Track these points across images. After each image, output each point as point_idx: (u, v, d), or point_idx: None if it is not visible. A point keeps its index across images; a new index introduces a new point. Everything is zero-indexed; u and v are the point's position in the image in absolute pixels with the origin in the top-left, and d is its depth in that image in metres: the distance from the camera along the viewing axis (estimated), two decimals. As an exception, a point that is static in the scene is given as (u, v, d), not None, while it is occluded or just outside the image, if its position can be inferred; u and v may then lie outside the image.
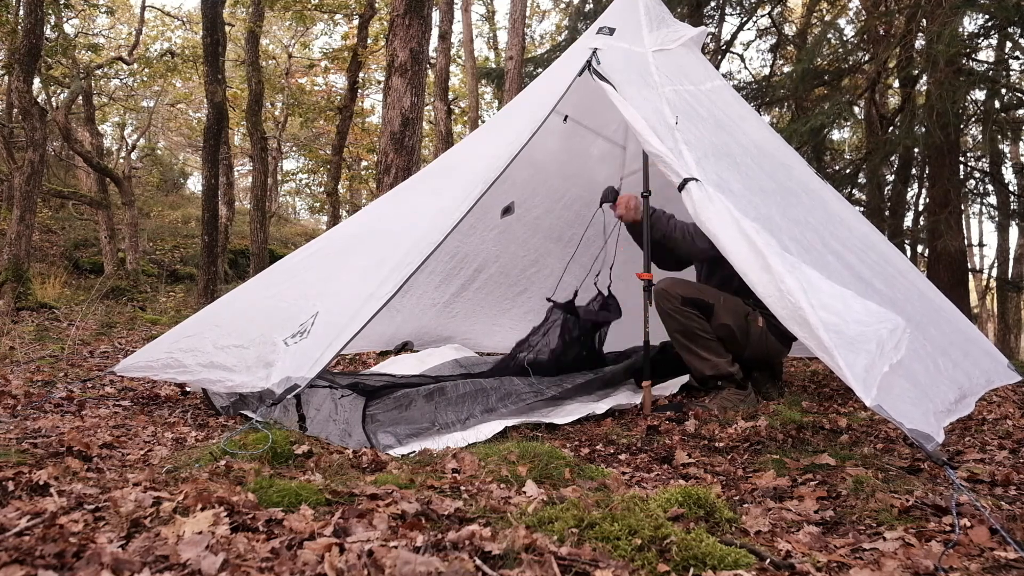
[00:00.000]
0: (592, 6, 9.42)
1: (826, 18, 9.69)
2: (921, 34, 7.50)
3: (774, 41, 10.14)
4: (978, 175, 8.66)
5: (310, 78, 19.48)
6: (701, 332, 3.26)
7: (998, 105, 7.20)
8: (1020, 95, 7.26)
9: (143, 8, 14.63)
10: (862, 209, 8.55)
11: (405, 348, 4.53)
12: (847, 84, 9.10)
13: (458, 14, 13.63)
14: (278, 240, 16.19)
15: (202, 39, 9.71)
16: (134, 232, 11.55)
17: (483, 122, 12.96)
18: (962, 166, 8.29)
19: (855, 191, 8.77)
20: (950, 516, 1.69)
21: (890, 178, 9.13)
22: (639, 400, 3.23)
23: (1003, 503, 1.86)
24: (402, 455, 2.33)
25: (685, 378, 3.57)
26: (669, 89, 3.20)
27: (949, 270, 7.52)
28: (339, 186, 15.94)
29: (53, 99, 14.45)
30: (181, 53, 14.67)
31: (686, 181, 2.68)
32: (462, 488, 1.79)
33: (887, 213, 9.02)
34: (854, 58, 8.81)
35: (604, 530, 1.41)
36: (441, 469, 2.04)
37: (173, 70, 14.17)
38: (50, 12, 9.30)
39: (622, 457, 2.49)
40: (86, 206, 12.77)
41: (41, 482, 1.55)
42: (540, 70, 9.21)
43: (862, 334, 2.17)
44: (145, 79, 14.81)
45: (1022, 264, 13.78)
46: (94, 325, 6.42)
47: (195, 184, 24.21)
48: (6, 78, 10.59)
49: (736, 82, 9.67)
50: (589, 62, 3.15)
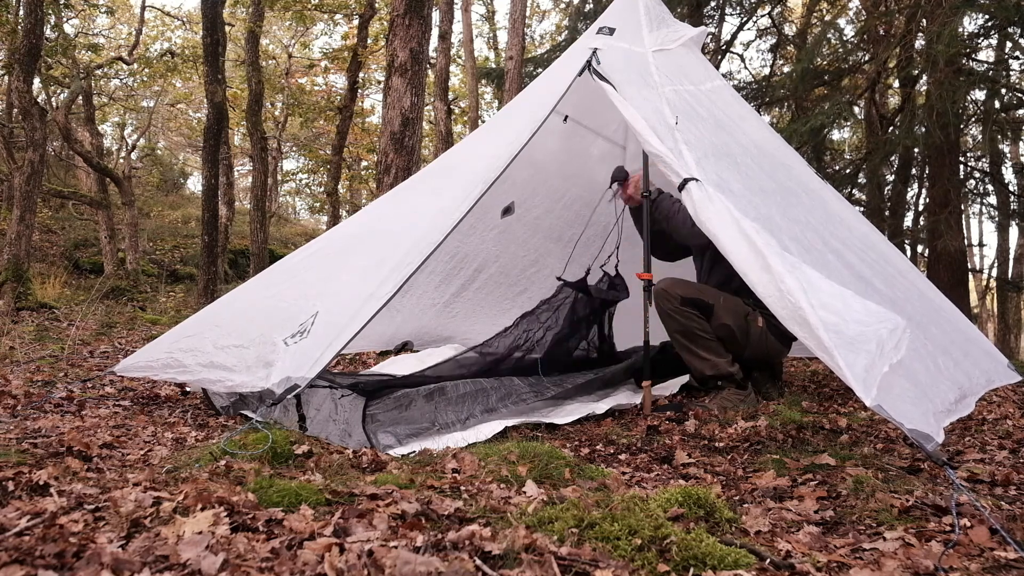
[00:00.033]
0: (592, 6, 9.42)
1: (826, 18, 9.69)
2: (921, 34, 7.50)
3: (774, 41, 10.14)
4: (978, 175, 8.67)
5: (310, 78, 19.49)
6: (701, 332, 3.27)
7: (998, 105, 7.21)
8: (1020, 95, 7.26)
9: (143, 8, 14.63)
10: (862, 209, 8.55)
11: (405, 348, 4.52)
12: (847, 84, 9.10)
13: (458, 14, 13.64)
14: (278, 240, 16.19)
15: (202, 39, 9.72)
16: (134, 232, 11.56)
17: (483, 122, 12.96)
18: (962, 166, 8.30)
19: (855, 191, 8.77)
20: (950, 516, 1.69)
21: (890, 178, 9.13)
22: (639, 400, 3.23)
23: (1003, 503, 1.86)
24: (402, 455, 2.33)
25: (685, 378, 3.57)
26: (669, 89, 3.20)
27: (949, 270, 7.52)
28: (339, 186, 15.94)
29: (53, 99, 14.45)
30: (181, 53, 14.68)
31: (686, 181, 2.69)
32: (462, 488, 1.79)
33: (887, 213, 9.02)
34: (854, 58, 8.82)
35: (604, 530, 1.41)
36: (441, 469, 2.04)
37: (173, 70, 14.18)
38: (50, 12, 9.30)
39: (622, 457, 2.49)
40: (86, 206, 12.78)
41: (41, 482, 1.55)
42: (540, 70, 9.20)
43: (862, 334, 2.17)
44: (145, 79, 14.81)
45: (1022, 264, 13.78)
46: (94, 325, 6.42)
47: (195, 184, 24.25)
48: (6, 78, 10.59)
49: (736, 82, 9.66)
50: (589, 62, 3.15)
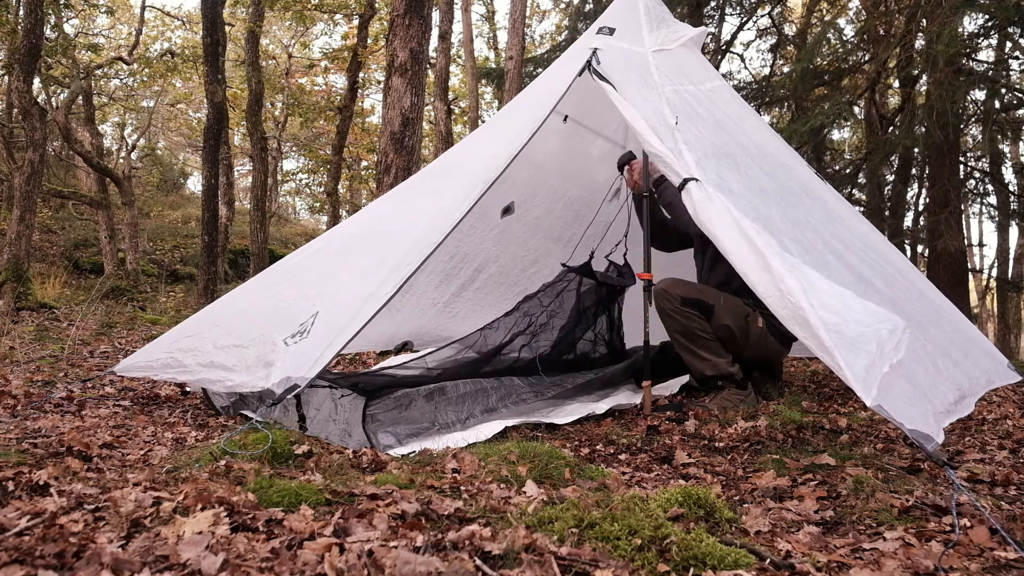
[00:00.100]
0: (592, 6, 9.42)
1: (826, 18, 9.68)
2: (921, 34, 7.50)
3: (774, 41, 10.14)
4: (978, 175, 8.67)
5: (310, 78, 19.49)
6: (701, 332, 3.26)
7: (998, 105, 7.21)
8: (1020, 95, 7.26)
9: (143, 8, 14.63)
10: (862, 209, 8.55)
11: (405, 348, 4.52)
12: (847, 84, 9.10)
13: (458, 14, 13.64)
14: (278, 240, 16.19)
15: (202, 39, 9.72)
16: (134, 232, 11.55)
17: (483, 122, 12.96)
18: (962, 166, 8.30)
19: (855, 191, 8.76)
20: (950, 516, 1.69)
21: (890, 178, 9.13)
22: (639, 400, 3.23)
23: (1003, 503, 1.86)
24: (402, 455, 2.33)
25: (685, 378, 3.57)
26: (669, 89, 3.20)
27: (949, 270, 7.52)
28: (339, 186, 15.94)
29: (53, 99, 14.45)
30: (181, 53, 14.68)
31: (686, 181, 2.69)
32: (462, 488, 1.79)
33: (887, 213, 9.02)
34: (854, 58, 8.81)
35: (604, 530, 1.41)
36: (441, 469, 2.04)
37: (173, 70, 14.18)
38: (50, 12, 9.30)
39: (622, 457, 2.49)
40: (86, 206, 12.78)
41: (41, 482, 1.55)
42: (540, 70, 9.20)
43: (862, 334, 2.17)
44: (145, 79, 14.81)
45: (1022, 264, 13.78)
46: (94, 325, 6.42)
47: (195, 184, 24.25)
48: (6, 78, 10.59)
49: (736, 82, 9.67)
50: (589, 62, 3.15)
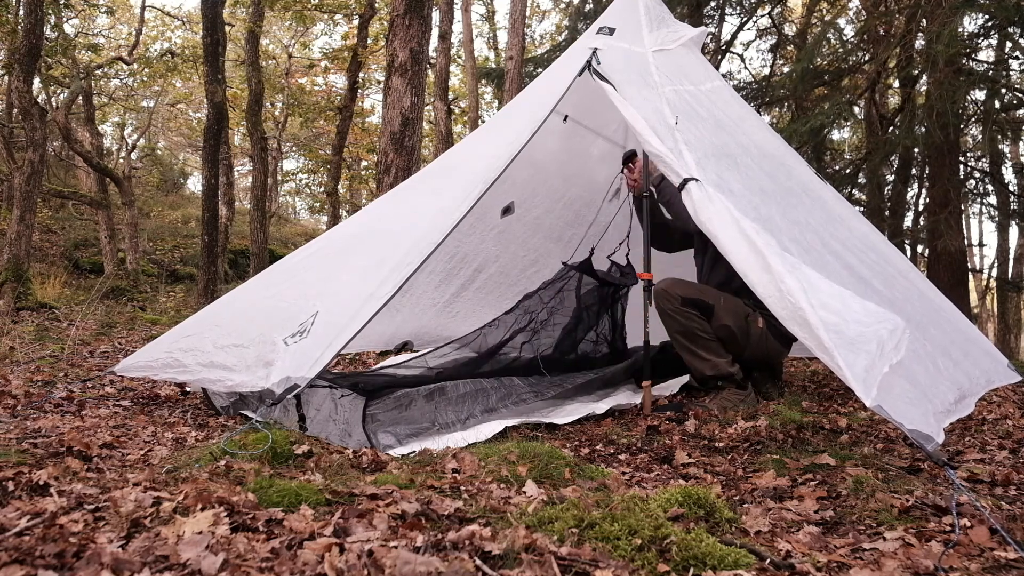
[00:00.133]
0: (592, 6, 9.42)
1: (826, 18, 9.68)
2: (921, 34, 7.50)
3: (774, 41, 10.14)
4: (978, 175, 8.67)
5: (310, 78, 19.48)
6: (701, 333, 3.26)
7: (998, 105, 7.21)
8: (1020, 95, 7.26)
9: (143, 8, 14.63)
10: (862, 209, 8.55)
11: (405, 348, 4.52)
12: (847, 84, 9.10)
13: (458, 14, 13.64)
14: (278, 240, 16.19)
15: (202, 39, 9.72)
16: (134, 232, 11.55)
17: (483, 122, 12.96)
18: (962, 166, 8.30)
19: (855, 191, 8.76)
20: (950, 516, 1.69)
21: (890, 178, 9.13)
22: (639, 400, 3.23)
23: (1003, 503, 1.86)
24: (402, 455, 2.33)
25: (685, 378, 3.57)
26: (669, 89, 3.20)
27: (949, 270, 7.52)
28: (339, 186, 15.94)
29: (53, 99, 14.45)
30: (181, 53, 14.68)
31: (686, 181, 2.69)
32: (462, 488, 1.79)
33: (887, 213, 9.02)
34: (854, 58, 8.81)
35: (604, 530, 1.41)
36: (441, 469, 2.04)
37: (173, 70, 14.18)
38: (50, 12, 9.30)
39: (622, 457, 2.49)
40: (86, 206, 12.78)
41: (41, 482, 1.55)
42: (540, 70, 9.20)
43: (862, 334, 2.17)
44: (145, 79, 14.81)
45: (1022, 264, 13.78)
46: (94, 325, 6.42)
47: (195, 184, 24.25)
48: (6, 78, 10.58)
49: (736, 82, 9.67)
50: (589, 62, 3.15)
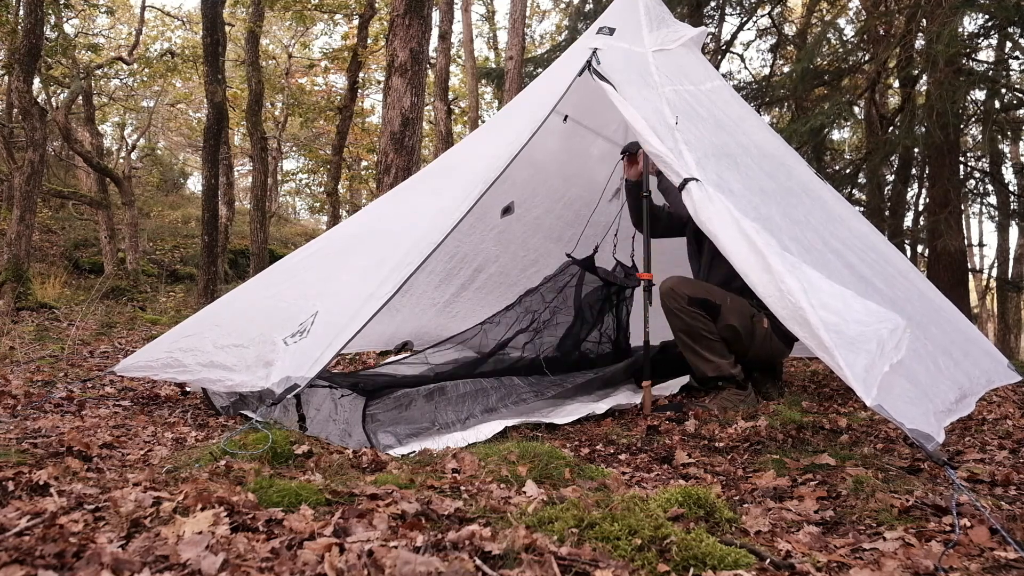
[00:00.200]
0: (592, 6, 9.42)
1: (826, 18, 9.68)
2: (921, 34, 7.50)
3: (774, 41, 10.14)
4: (978, 175, 8.67)
5: (310, 78, 19.48)
6: (706, 333, 3.26)
7: (998, 105, 7.21)
8: (1020, 95, 7.26)
9: (143, 8, 14.63)
10: (862, 209, 8.55)
11: (405, 348, 4.52)
12: (847, 84, 9.10)
13: (458, 14, 13.64)
14: (278, 240, 16.19)
15: (202, 39, 9.72)
16: (134, 232, 11.55)
17: (483, 122, 12.96)
18: (962, 166, 8.30)
19: (855, 191, 8.77)
20: (950, 516, 1.69)
21: (890, 178, 9.13)
22: (639, 400, 3.23)
23: (1003, 503, 1.86)
24: (402, 455, 2.33)
25: (685, 378, 3.57)
26: (669, 89, 3.19)
27: (949, 270, 7.52)
28: (339, 186, 15.94)
29: (53, 99, 14.45)
30: (181, 53, 14.67)
31: (686, 181, 2.69)
32: (462, 488, 1.79)
33: (887, 213, 9.02)
34: (854, 58, 8.81)
35: (604, 530, 1.41)
36: (441, 469, 2.04)
37: (173, 70, 14.18)
38: (50, 12, 9.29)
39: (622, 457, 2.49)
40: (86, 206, 12.78)
41: (41, 482, 1.55)
42: (540, 70, 9.20)
43: (862, 334, 2.17)
44: (145, 79, 14.81)
45: (1022, 264, 13.78)
46: (94, 325, 6.42)
47: (195, 184, 24.25)
48: (6, 78, 10.58)
49: (736, 82, 9.67)
50: (589, 62, 3.15)
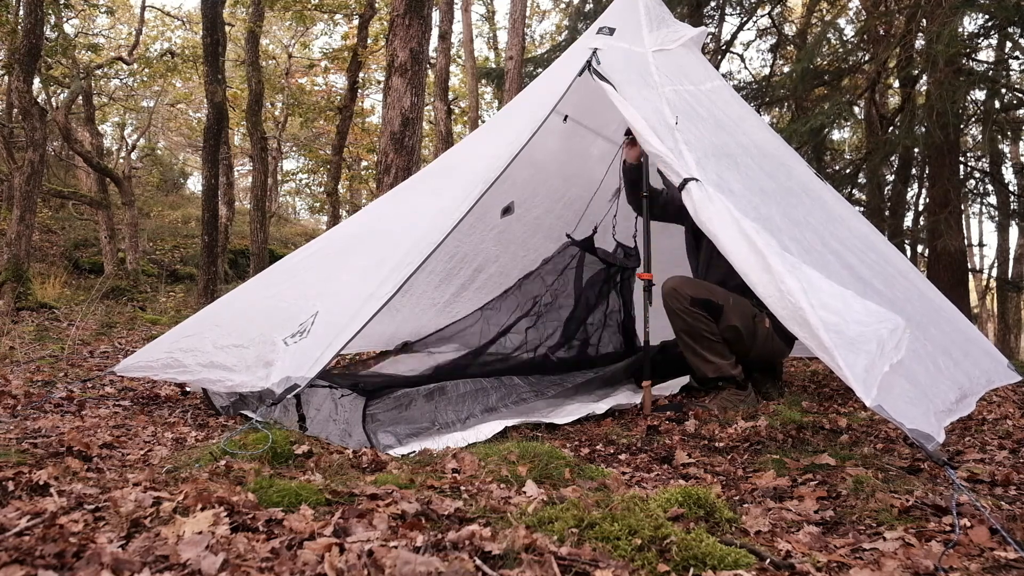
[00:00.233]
0: (592, 6, 9.42)
1: (826, 18, 9.68)
2: (921, 34, 7.50)
3: (774, 41, 10.14)
4: (978, 175, 8.67)
5: (310, 78, 19.48)
6: (707, 334, 3.25)
7: (998, 105, 7.21)
8: (1020, 95, 7.26)
9: (143, 8, 14.62)
10: (862, 209, 8.55)
11: (405, 348, 4.52)
12: (847, 84, 9.10)
13: (458, 14, 13.63)
14: (278, 240, 16.19)
15: (202, 39, 9.72)
16: (134, 232, 11.55)
17: (483, 122, 12.96)
18: (962, 166, 8.30)
19: (855, 191, 8.76)
20: (950, 516, 1.69)
21: (890, 178, 9.13)
22: (639, 400, 3.23)
23: (1003, 503, 1.86)
24: (402, 455, 2.33)
25: (685, 378, 3.57)
26: (669, 89, 3.20)
27: (949, 270, 7.52)
28: (339, 186, 15.94)
29: (53, 99, 14.45)
30: (181, 53, 14.67)
31: (686, 181, 2.69)
32: (462, 488, 1.79)
33: (887, 213, 9.02)
34: (854, 58, 8.81)
35: (604, 530, 1.41)
36: (441, 469, 2.04)
37: (173, 70, 14.17)
38: (50, 12, 9.29)
39: (622, 457, 2.49)
40: (86, 206, 12.77)
41: (41, 482, 1.55)
42: (540, 70, 9.20)
43: (862, 334, 2.17)
44: (145, 79, 14.80)
45: (1022, 264, 13.78)
46: (94, 325, 6.42)
47: (195, 184, 24.24)
48: (6, 78, 10.58)
49: (736, 82, 9.67)
50: (589, 62, 3.15)
